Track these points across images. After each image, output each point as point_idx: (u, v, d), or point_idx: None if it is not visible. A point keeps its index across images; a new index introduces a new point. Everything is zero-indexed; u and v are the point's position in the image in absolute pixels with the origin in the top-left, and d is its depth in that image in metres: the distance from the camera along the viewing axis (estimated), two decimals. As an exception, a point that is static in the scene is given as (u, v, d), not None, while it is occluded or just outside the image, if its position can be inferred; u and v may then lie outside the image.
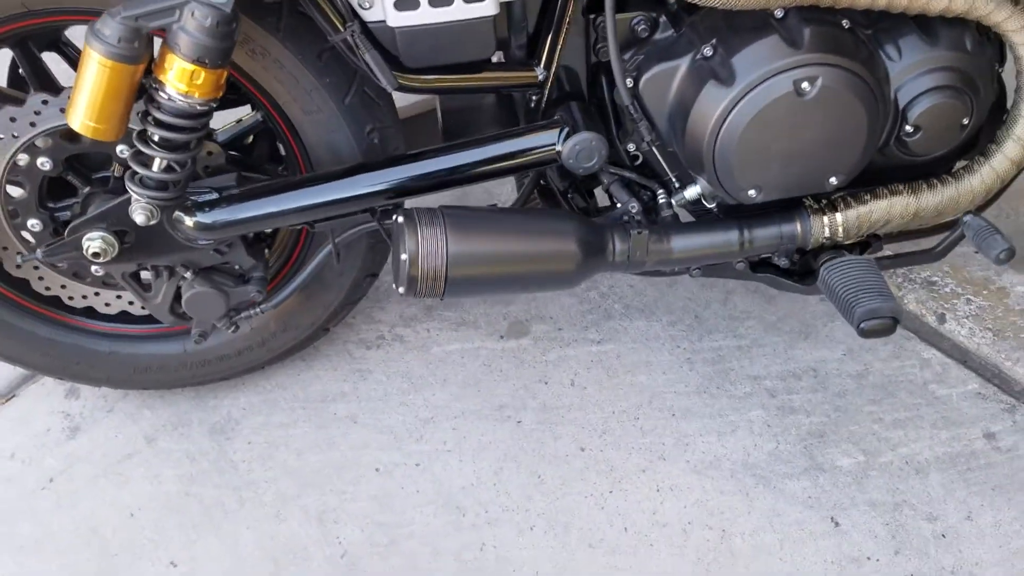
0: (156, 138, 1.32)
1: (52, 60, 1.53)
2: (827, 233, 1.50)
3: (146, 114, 1.31)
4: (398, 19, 1.33)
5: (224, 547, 1.69)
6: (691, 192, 1.46)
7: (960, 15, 1.34)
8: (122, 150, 1.46)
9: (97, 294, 1.66)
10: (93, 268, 1.57)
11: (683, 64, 1.41)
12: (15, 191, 1.49)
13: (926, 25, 1.39)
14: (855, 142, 1.40)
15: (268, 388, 1.92)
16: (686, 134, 1.41)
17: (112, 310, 1.69)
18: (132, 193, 1.37)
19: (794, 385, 1.86)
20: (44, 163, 1.46)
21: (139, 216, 1.39)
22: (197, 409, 1.90)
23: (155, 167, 1.35)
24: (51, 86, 1.49)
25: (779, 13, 1.36)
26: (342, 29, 1.34)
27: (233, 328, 1.65)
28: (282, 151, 1.63)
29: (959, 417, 1.79)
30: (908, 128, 1.42)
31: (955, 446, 1.75)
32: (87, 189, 1.52)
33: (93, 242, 1.45)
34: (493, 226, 1.41)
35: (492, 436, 1.81)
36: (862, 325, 1.35)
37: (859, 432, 1.78)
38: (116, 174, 1.52)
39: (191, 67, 1.24)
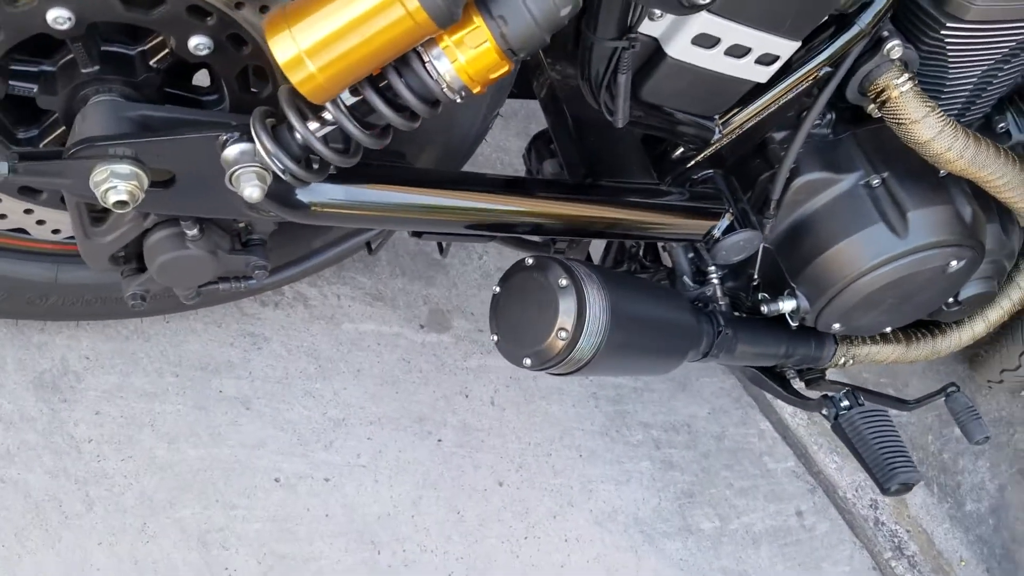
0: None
1: None
2: (842, 361, 1.53)
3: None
4: (684, 52, 1.00)
5: (65, 569, 1.20)
6: (787, 305, 1.37)
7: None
8: (200, 44, 0.88)
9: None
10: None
11: (845, 182, 1.30)
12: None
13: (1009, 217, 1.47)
14: (930, 306, 1.45)
15: (123, 334, 1.37)
16: (821, 256, 1.31)
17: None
18: (298, 140, 0.83)
19: (674, 439, 1.89)
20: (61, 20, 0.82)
21: (252, 187, 0.86)
22: (11, 343, 1.29)
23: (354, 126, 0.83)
24: None
25: (942, 173, 1.33)
26: (617, 37, 0.97)
27: (194, 297, 1.13)
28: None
29: (782, 492, 2.00)
30: (951, 302, 1.50)
31: (778, 520, 1.96)
32: (92, 69, 0.89)
33: (120, 183, 0.86)
34: (644, 310, 1.17)
35: (411, 454, 1.54)
36: (893, 489, 1.42)
37: (717, 496, 1.89)
38: (155, 63, 0.91)
39: (498, 56, 0.79)
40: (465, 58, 0.80)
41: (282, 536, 1.37)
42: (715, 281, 1.37)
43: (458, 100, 0.84)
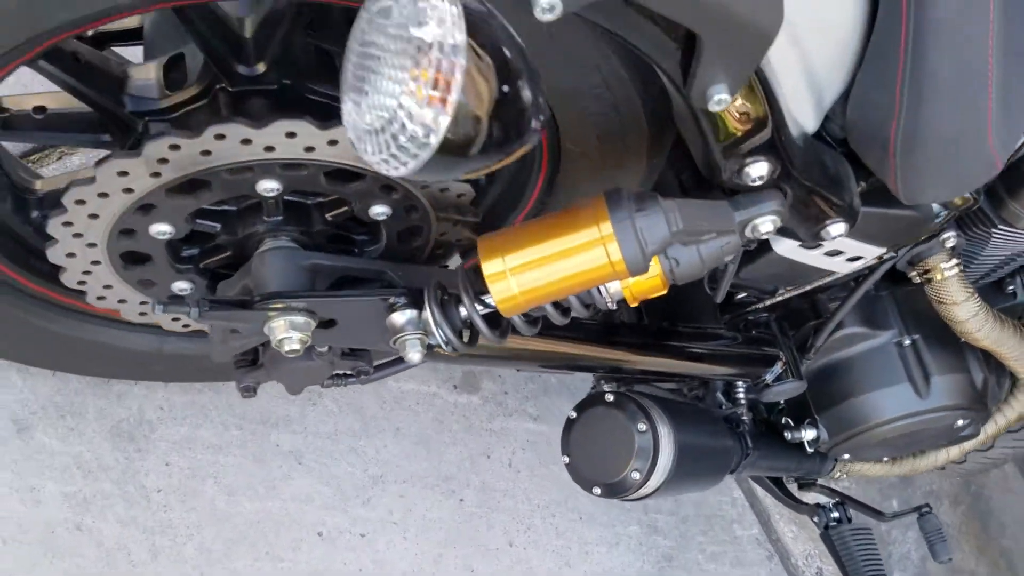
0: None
1: None
2: (837, 475, 1.69)
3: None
4: (788, 251, 1.11)
5: (130, 616, 1.28)
6: (808, 435, 1.51)
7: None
8: (381, 212, 0.95)
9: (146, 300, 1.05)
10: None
11: (880, 338, 1.44)
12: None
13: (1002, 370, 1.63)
14: (929, 448, 1.62)
15: (196, 387, 1.43)
16: (848, 400, 1.45)
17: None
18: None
19: (660, 504, 2.04)
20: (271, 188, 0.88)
21: (415, 352, 0.94)
22: (93, 392, 1.34)
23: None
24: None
25: (961, 339, 1.47)
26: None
27: (296, 391, 1.21)
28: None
29: (745, 558, 2.17)
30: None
31: (739, 585, 2.14)
32: (275, 219, 0.95)
33: (295, 333, 0.93)
34: (701, 445, 1.29)
35: (436, 513, 1.64)
36: (870, 605, 1.60)
37: (691, 561, 2.05)
38: (331, 217, 0.98)
39: (661, 284, 0.89)
40: (634, 282, 0.90)
41: (321, 588, 1.47)
42: (743, 402, 1.50)
43: (613, 307, 0.94)
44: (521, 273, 0.83)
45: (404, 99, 0.51)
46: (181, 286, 1.01)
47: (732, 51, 0.67)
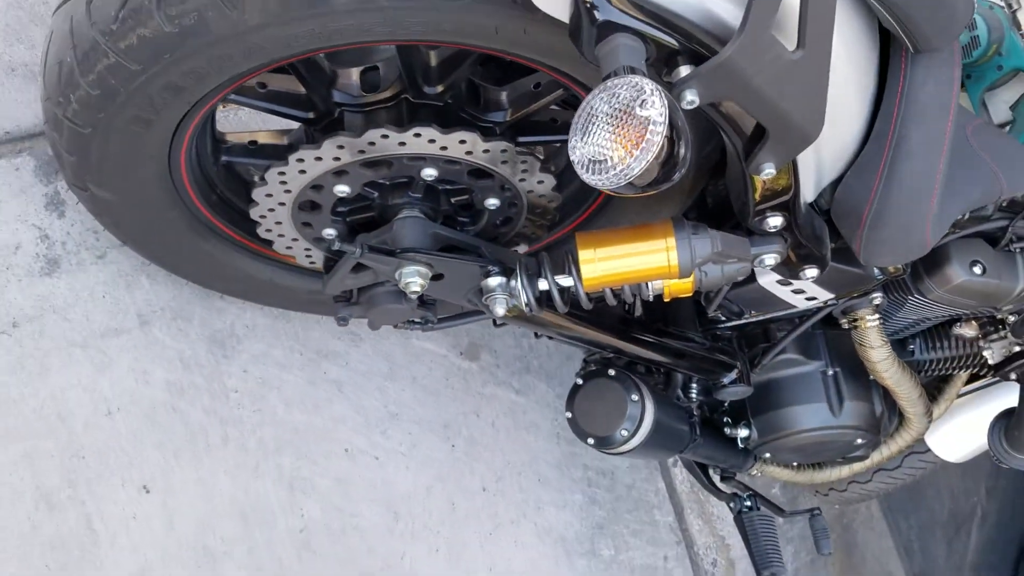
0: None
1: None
2: (753, 472, 2.10)
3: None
4: (767, 284, 1.50)
5: (201, 487, 1.59)
6: (742, 433, 1.91)
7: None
8: (492, 203, 1.30)
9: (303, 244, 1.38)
10: (326, 234, 1.33)
11: (810, 366, 1.85)
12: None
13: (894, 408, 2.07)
14: (829, 459, 2.04)
15: (275, 314, 1.74)
16: (778, 409, 1.85)
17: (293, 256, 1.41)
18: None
19: (601, 481, 2.42)
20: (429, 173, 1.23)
21: (500, 307, 1.29)
22: (200, 303, 1.64)
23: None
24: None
25: (871, 376, 1.90)
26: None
27: (376, 327, 1.54)
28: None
29: (659, 539, 2.57)
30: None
31: (652, 560, 2.52)
32: (416, 195, 1.29)
33: (418, 279, 1.27)
34: (669, 424, 1.67)
35: (434, 453, 1.98)
36: None
37: (617, 532, 2.43)
38: (455, 201, 1.32)
39: (690, 287, 1.27)
40: (673, 283, 1.27)
41: (341, 493, 1.79)
42: (695, 399, 1.89)
43: (651, 299, 1.31)
44: (605, 260, 1.19)
45: (618, 149, 0.86)
46: (329, 232, 1.34)
47: (786, 143, 1.04)
